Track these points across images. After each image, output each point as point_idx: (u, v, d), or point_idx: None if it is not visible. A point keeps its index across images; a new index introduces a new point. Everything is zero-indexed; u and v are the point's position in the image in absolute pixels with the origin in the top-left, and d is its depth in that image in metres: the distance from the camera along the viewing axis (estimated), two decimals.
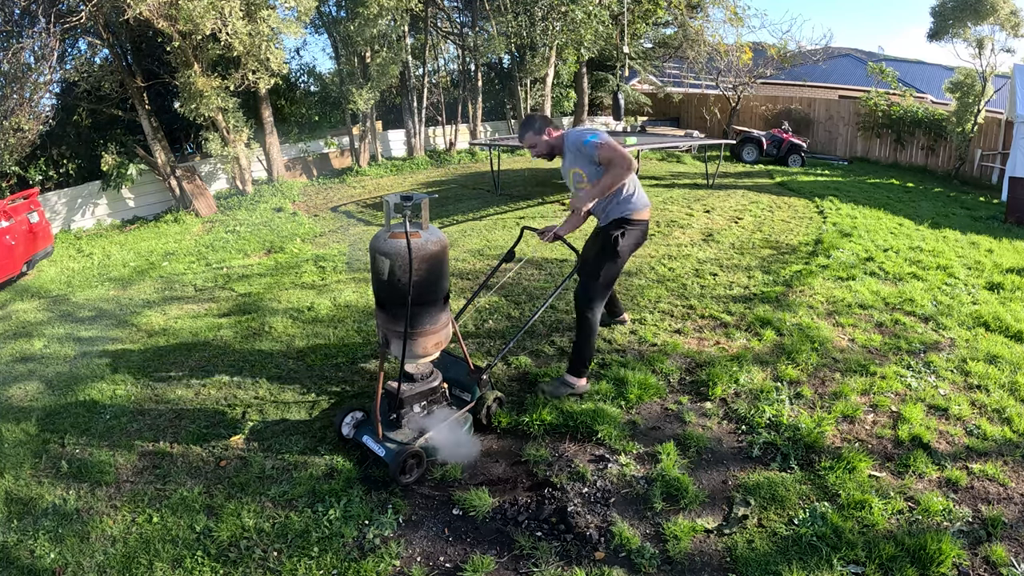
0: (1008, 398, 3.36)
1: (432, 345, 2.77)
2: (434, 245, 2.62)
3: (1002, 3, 12.03)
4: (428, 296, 2.65)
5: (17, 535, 2.45)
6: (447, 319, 2.84)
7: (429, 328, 2.72)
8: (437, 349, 2.82)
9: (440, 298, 2.73)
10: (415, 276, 2.54)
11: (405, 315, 2.58)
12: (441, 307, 2.75)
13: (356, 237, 7.61)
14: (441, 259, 2.66)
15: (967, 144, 13.45)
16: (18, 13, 8.58)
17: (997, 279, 5.43)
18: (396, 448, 2.72)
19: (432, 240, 2.62)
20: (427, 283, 2.62)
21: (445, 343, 2.86)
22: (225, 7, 8.06)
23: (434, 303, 2.70)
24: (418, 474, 2.74)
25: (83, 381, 3.84)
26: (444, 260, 2.69)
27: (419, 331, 2.69)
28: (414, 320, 2.65)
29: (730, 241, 6.72)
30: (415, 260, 2.52)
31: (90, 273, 6.79)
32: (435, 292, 2.68)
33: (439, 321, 2.76)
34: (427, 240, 2.60)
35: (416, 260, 2.53)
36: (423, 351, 2.75)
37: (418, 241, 2.55)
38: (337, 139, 13.36)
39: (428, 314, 2.69)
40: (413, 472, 2.73)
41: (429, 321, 2.71)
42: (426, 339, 2.73)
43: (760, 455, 2.89)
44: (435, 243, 2.63)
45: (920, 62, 20.81)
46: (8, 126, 7.86)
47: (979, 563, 2.24)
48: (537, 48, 13.50)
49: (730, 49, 15.63)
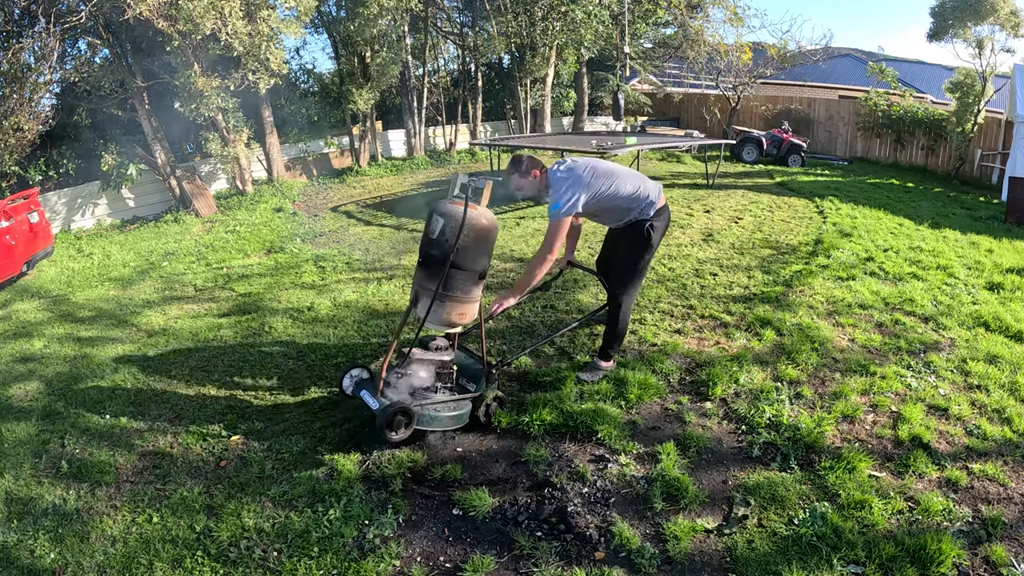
0: (1008, 398, 3.36)
1: (456, 314, 2.95)
2: (485, 220, 2.89)
3: (1002, 3, 12.03)
4: (466, 263, 2.87)
5: (17, 535, 2.45)
6: (477, 296, 3.01)
7: (459, 295, 2.92)
8: (460, 320, 2.99)
9: (476, 270, 2.92)
10: (461, 242, 2.80)
11: (441, 275, 2.83)
12: (475, 281, 2.94)
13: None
14: (487, 235, 2.91)
15: (967, 144, 13.45)
16: (18, 13, 8.58)
17: (997, 279, 5.42)
18: (387, 403, 2.82)
19: (484, 216, 2.90)
20: (469, 251, 2.85)
21: (469, 319, 3.04)
22: (225, 7, 8.05)
23: (470, 272, 2.90)
24: (405, 434, 2.82)
25: (83, 381, 3.84)
26: (489, 238, 2.94)
27: (449, 295, 2.89)
28: (448, 282, 2.86)
29: (730, 241, 6.72)
30: (465, 227, 2.80)
31: (90, 273, 6.79)
32: (473, 262, 2.89)
33: (470, 293, 2.95)
34: (480, 215, 2.87)
35: (466, 227, 2.81)
36: (447, 316, 2.94)
37: (472, 212, 2.82)
38: (337, 139, 13.36)
39: (462, 282, 2.90)
40: (400, 430, 2.81)
41: (461, 289, 2.91)
42: (453, 305, 2.92)
43: (760, 455, 2.89)
44: (486, 219, 2.90)
45: (920, 62, 20.80)
46: (8, 126, 7.85)
47: (979, 563, 2.24)
48: (537, 48, 13.49)
49: (730, 49, 15.63)
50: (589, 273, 3.61)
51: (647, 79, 18.72)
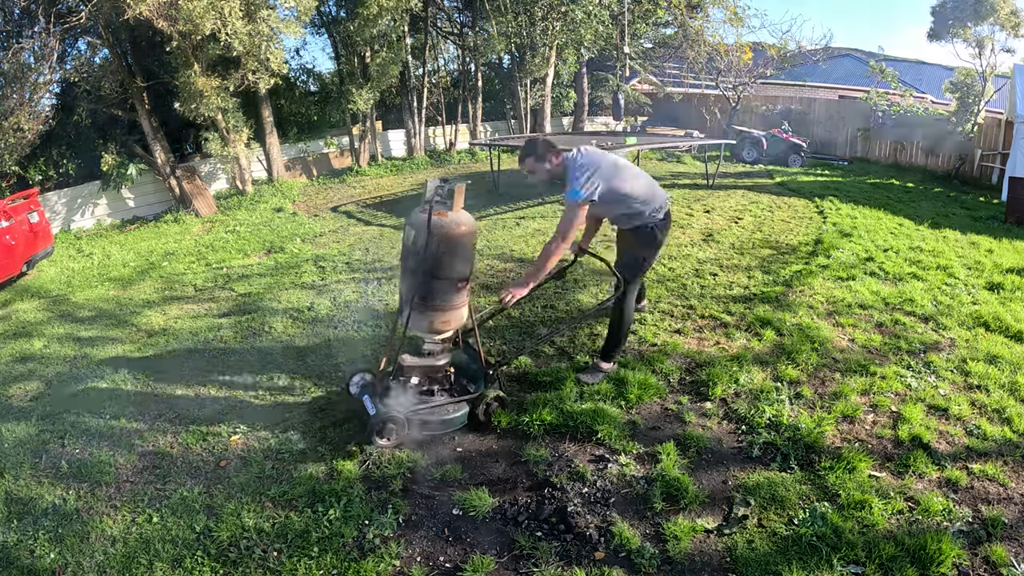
0: (1008, 398, 3.36)
1: (439, 323, 2.91)
2: (454, 227, 2.77)
3: (1002, 3, 12.03)
4: (442, 272, 2.80)
5: (17, 535, 2.45)
6: (461, 303, 2.96)
7: (439, 304, 2.86)
8: (444, 327, 2.95)
9: (453, 278, 2.85)
10: (432, 251, 2.74)
11: (417, 286, 2.79)
12: (454, 288, 2.87)
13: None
14: (458, 241, 2.80)
15: (967, 144, 13.44)
16: (18, 13, 8.58)
17: (997, 279, 5.42)
18: (381, 411, 2.85)
19: (455, 223, 2.78)
20: (442, 260, 2.77)
21: (456, 325, 3.00)
22: (225, 7, 8.05)
23: (446, 280, 2.83)
24: (395, 442, 2.88)
25: (83, 381, 3.84)
26: (462, 243, 2.83)
27: (429, 305, 2.85)
28: (426, 293, 2.82)
29: (730, 241, 6.72)
30: (433, 236, 2.72)
31: (90, 273, 6.79)
32: (448, 270, 2.81)
33: (450, 301, 2.89)
34: (450, 221, 2.77)
35: (434, 236, 2.72)
36: (429, 325, 2.90)
37: (440, 220, 2.74)
38: (337, 139, 13.36)
39: (440, 290, 2.84)
40: (391, 437, 2.86)
41: (440, 298, 2.85)
42: (434, 314, 2.88)
43: (760, 455, 2.88)
44: (455, 226, 2.78)
45: (920, 62, 20.79)
46: (8, 126, 7.86)
47: (979, 563, 2.24)
48: (537, 48, 13.49)
49: (730, 49, 15.62)
50: (601, 261, 3.60)
51: (647, 79, 18.71)
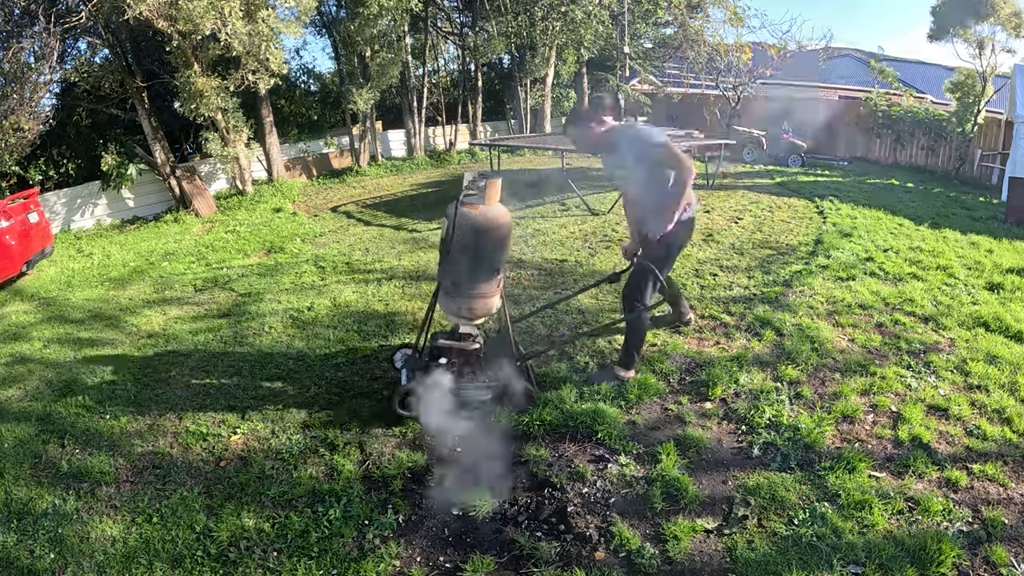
0: (1008, 398, 3.36)
1: (467, 309, 3.04)
2: (484, 220, 2.90)
3: (1002, 3, 12.02)
4: (470, 262, 2.92)
5: (17, 535, 2.45)
6: (492, 292, 3.08)
7: (468, 291, 2.99)
8: (472, 315, 3.07)
9: (483, 268, 2.97)
10: (462, 242, 2.88)
11: (449, 272, 2.96)
12: (484, 277, 3.00)
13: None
14: (488, 234, 2.92)
15: (967, 144, 13.44)
16: (18, 13, 8.58)
17: (997, 279, 5.42)
18: (407, 384, 3.05)
19: (486, 215, 2.91)
20: (472, 251, 2.90)
21: (485, 314, 3.13)
22: (225, 7, 8.06)
23: (476, 271, 2.95)
24: (414, 415, 3.05)
25: (83, 381, 3.84)
26: (493, 236, 2.95)
27: (459, 292, 2.99)
28: (456, 279, 2.96)
29: (730, 241, 6.72)
30: (461, 228, 2.86)
31: (90, 273, 6.79)
32: (477, 260, 2.94)
33: (480, 290, 3.01)
34: (481, 214, 2.89)
35: (462, 228, 2.86)
36: (457, 311, 3.05)
37: (471, 212, 2.85)
38: (337, 139, 13.36)
39: (470, 279, 2.96)
40: (411, 409, 3.02)
41: (469, 285, 2.98)
42: (463, 300, 3.01)
43: (760, 455, 2.88)
44: (486, 219, 2.91)
45: (920, 62, 20.78)
46: (8, 126, 7.86)
47: (979, 563, 2.24)
48: (537, 48, 13.50)
49: (730, 49, 15.62)
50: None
51: (647, 79, 18.71)
